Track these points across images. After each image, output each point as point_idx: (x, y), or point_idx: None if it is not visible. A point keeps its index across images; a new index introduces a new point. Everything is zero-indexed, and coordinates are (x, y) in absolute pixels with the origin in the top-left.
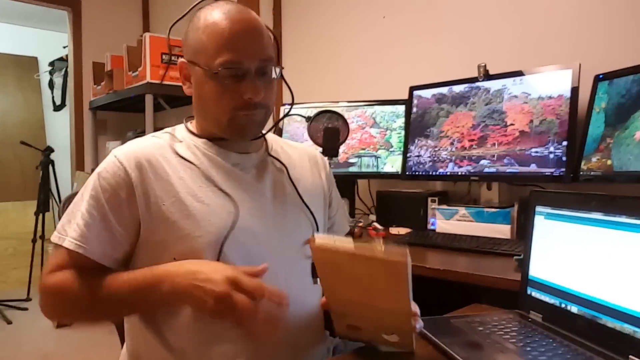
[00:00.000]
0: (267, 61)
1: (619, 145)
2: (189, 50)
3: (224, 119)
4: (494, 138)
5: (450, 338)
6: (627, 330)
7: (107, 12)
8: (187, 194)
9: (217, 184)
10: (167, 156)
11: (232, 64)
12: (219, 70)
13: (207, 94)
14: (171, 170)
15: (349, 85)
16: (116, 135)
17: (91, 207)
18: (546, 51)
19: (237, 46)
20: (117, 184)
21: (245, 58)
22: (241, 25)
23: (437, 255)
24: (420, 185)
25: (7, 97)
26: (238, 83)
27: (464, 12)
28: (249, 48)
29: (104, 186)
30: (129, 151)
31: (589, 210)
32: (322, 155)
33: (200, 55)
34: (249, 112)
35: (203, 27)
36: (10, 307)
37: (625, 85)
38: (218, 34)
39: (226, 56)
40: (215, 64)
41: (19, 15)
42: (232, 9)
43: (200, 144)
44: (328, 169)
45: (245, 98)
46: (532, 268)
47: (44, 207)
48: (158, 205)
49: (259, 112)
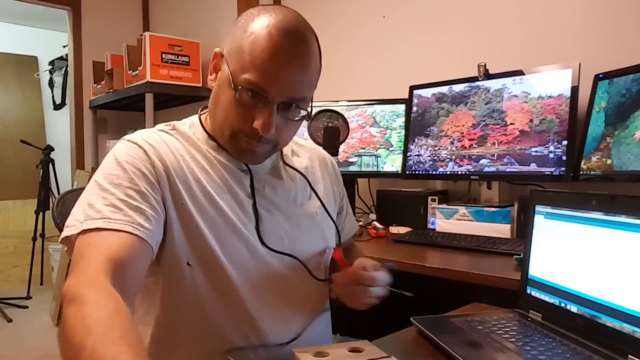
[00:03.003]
0: (297, 100)
1: (619, 145)
2: (229, 44)
3: (226, 133)
4: (494, 137)
5: (450, 337)
6: (627, 329)
7: (107, 11)
8: (204, 198)
9: (232, 192)
10: (181, 153)
11: (255, 87)
12: (239, 87)
13: (223, 100)
14: (186, 168)
15: (349, 85)
16: (116, 134)
17: (128, 189)
18: (546, 50)
19: (271, 73)
20: (144, 167)
21: (273, 89)
22: (289, 53)
23: (437, 254)
24: (420, 185)
25: (7, 96)
26: (254, 108)
27: (464, 12)
28: (283, 80)
29: (132, 170)
30: (142, 137)
31: (588, 209)
32: (330, 157)
33: (234, 58)
34: (252, 142)
35: (250, 31)
36: (10, 305)
37: (625, 85)
38: (259, 48)
39: (254, 76)
40: (240, 78)
41: (19, 15)
42: (290, 25)
43: (209, 147)
44: (337, 171)
45: (254, 126)
46: (532, 267)
47: (44, 206)
48: (179, 201)
49: (263, 146)
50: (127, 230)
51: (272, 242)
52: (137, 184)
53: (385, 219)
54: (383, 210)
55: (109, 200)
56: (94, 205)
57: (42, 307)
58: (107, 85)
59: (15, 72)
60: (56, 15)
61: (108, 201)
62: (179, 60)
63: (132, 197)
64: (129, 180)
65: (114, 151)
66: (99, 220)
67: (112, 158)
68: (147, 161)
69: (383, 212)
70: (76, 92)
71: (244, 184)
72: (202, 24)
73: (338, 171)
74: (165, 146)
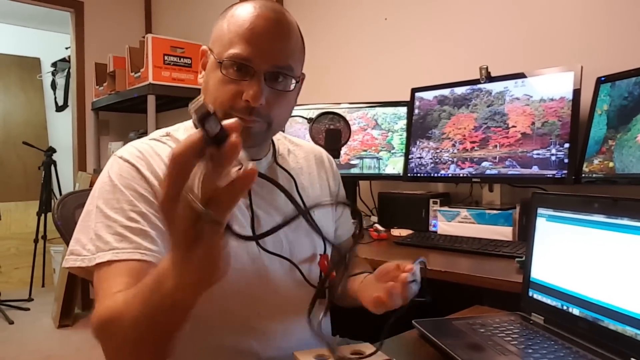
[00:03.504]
0: (283, 68)
1: (621, 148)
2: (211, 36)
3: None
4: (496, 140)
5: (452, 340)
6: (629, 333)
7: (109, 13)
8: None
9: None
10: None
11: (240, 59)
12: (223, 61)
13: (211, 84)
14: None
15: (351, 87)
16: (118, 136)
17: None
18: (548, 53)
19: (252, 41)
20: (138, 185)
21: (256, 57)
22: (267, 22)
23: (439, 256)
24: (422, 187)
25: (9, 97)
26: (242, 81)
27: (466, 14)
28: (265, 47)
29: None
30: (133, 152)
31: (590, 212)
32: (327, 154)
33: (217, 42)
34: (246, 118)
35: (229, 15)
36: (12, 307)
37: (628, 88)
38: (238, 24)
39: (238, 49)
40: (225, 55)
41: (21, 16)
42: (268, 6)
43: None
44: (335, 168)
45: (244, 99)
46: (534, 270)
47: (46, 208)
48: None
49: (257, 122)
50: (136, 258)
51: (269, 244)
52: (136, 206)
53: (386, 222)
54: (384, 213)
55: (113, 229)
56: (101, 236)
57: (43, 309)
58: (110, 87)
59: (18, 73)
60: (59, 17)
61: (113, 229)
62: (181, 62)
63: (135, 220)
64: (128, 203)
65: (109, 171)
66: (108, 252)
67: (108, 179)
68: (141, 179)
69: (384, 215)
70: (78, 93)
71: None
72: (205, 26)
73: (336, 168)
74: (158, 158)
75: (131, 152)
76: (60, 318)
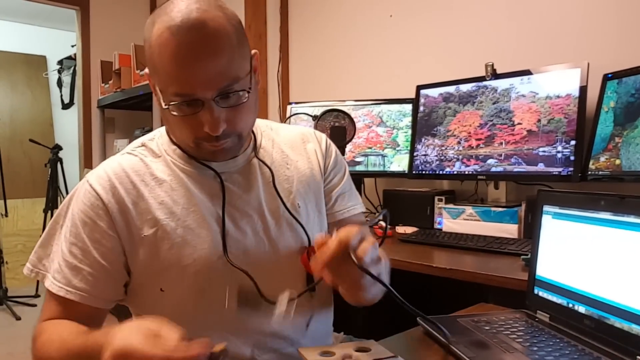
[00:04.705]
0: (229, 86)
1: (627, 145)
2: (148, 62)
3: (190, 145)
4: (502, 137)
5: (457, 337)
6: (635, 330)
7: (115, 11)
8: (169, 220)
9: (200, 204)
10: (144, 178)
11: (182, 97)
12: (170, 103)
13: (169, 120)
14: (149, 194)
15: (356, 84)
16: (124, 134)
17: (71, 244)
18: (554, 50)
19: (186, 75)
20: (96, 215)
21: (197, 89)
22: (192, 48)
23: (444, 254)
24: (427, 184)
25: (16, 95)
26: (195, 114)
27: (472, 11)
28: (201, 76)
29: (83, 219)
30: (102, 176)
31: (597, 210)
32: (319, 133)
33: (155, 76)
34: (214, 144)
35: (150, 44)
36: (19, 303)
37: (635, 85)
38: (164, 58)
39: (176, 87)
40: (168, 92)
41: (27, 14)
42: (180, 18)
43: (177, 158)
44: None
45: (205, 130)
46: (540, 268)
47: (53, 205)
48: (139, 235)
49: (227, 141)
50: (61, 294)
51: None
52: (82, 241)
53: (391, 219)
54: (390, 210)
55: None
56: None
57: None
58: (115, 85)
59: (24, 71)
60: (65, 15)
61: (60, 258)
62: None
63: (73, 255)
64: (76, 236)
65: (77, 196)
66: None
67: (74, 205)
68: (101, 207)
69: (390, 212)
70: (84, 91)
71: (214, 191)
72: None
73: (329, 142)
74: (126, 178)
75: (99, 176)
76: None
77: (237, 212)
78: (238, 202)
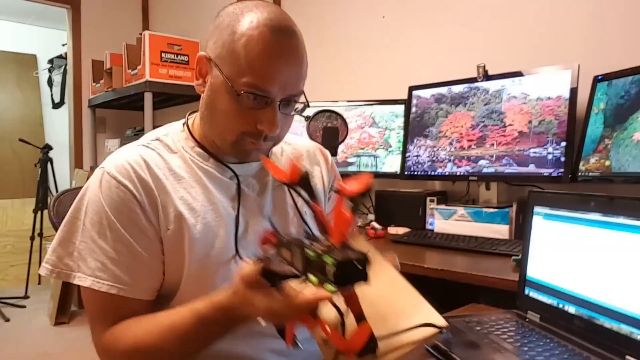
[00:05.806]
0: (296, 95)
1: (617, 146)
2: (215, 48)
3: (229, 138)
4: (493, 138)
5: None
6: (624, 330)
7: (106, 10)
8: (189, 216)
9: (218, 203)
10: (164, 172)
11: (259, 91)
12: (241, 92)
13: (221, 106)
14: (171, 188)
15: (348, 85)
16: (115, 133)
17: (113, 240)
18: (545, 52)
19: (272, 74)
20: (129, 209)
21: (274, 88)
22: (285, 50)
23: (436, 255)
24: (419, 185)
25: (6, 94)
26: (257, 110)
27: (464, 13)
28: (284, 78)
29: (116, 214)
30: (125, 167)
31: (587, 210)
32: (321, 148)
33: (227, 63)
34: (257, 142)
35: (240, 33)
36: (8, 304)
37: (624, 87)
38: (255, 50)
39: (256, 80)
40: (240, 82)
41: (18, 13)
42: (278, 21)
43: (195, 156)
44: (330, 161)
45: (259, 128)
46: (530, 268)
47: (43, 205)
48: (165, 228)
49: (268, 143)
50: (113, 292)
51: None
52: (123, 235)
53: (383, 220)
54: (382, 211)
55: (96, 255)
56: (85, 259)
57: (39, 306)
58: (106, 84)
59: (14, 70)
60: (56, 13)
61: (96, 256)
62: (178, 59)
63: (118, 251)
64: (115, 231)
65: (99, 189)
66: (88, 278)
67: (98, 199)
68: (131, 200)
69: (382, 213)
70: (75, 90)
71: (231, 192)
72: (202, 23)
73: (332, 161)
74: (148, 170)
75: (120, 167)
76: (56, 315)
77: (249, 214)
78: (251, 205)
